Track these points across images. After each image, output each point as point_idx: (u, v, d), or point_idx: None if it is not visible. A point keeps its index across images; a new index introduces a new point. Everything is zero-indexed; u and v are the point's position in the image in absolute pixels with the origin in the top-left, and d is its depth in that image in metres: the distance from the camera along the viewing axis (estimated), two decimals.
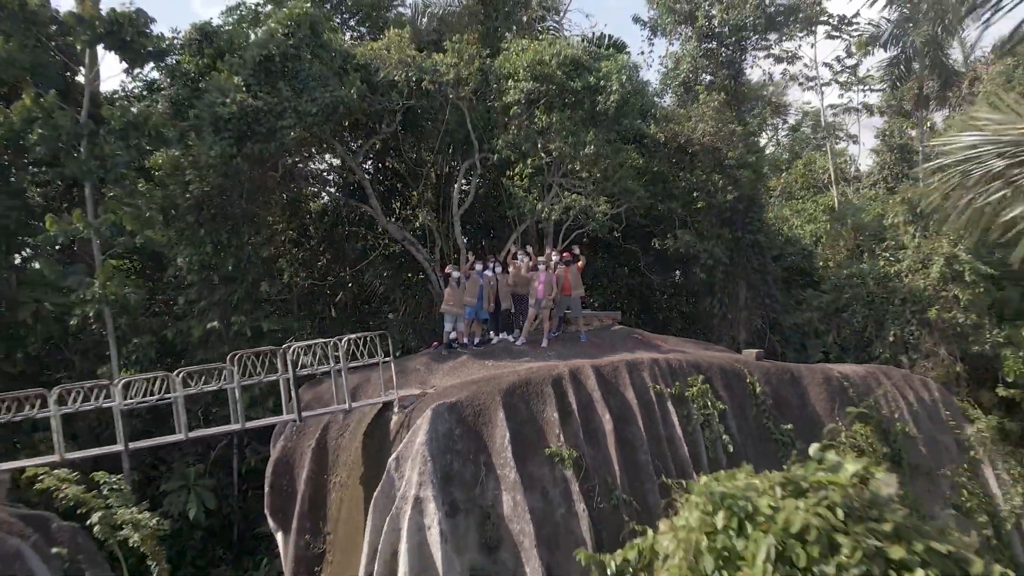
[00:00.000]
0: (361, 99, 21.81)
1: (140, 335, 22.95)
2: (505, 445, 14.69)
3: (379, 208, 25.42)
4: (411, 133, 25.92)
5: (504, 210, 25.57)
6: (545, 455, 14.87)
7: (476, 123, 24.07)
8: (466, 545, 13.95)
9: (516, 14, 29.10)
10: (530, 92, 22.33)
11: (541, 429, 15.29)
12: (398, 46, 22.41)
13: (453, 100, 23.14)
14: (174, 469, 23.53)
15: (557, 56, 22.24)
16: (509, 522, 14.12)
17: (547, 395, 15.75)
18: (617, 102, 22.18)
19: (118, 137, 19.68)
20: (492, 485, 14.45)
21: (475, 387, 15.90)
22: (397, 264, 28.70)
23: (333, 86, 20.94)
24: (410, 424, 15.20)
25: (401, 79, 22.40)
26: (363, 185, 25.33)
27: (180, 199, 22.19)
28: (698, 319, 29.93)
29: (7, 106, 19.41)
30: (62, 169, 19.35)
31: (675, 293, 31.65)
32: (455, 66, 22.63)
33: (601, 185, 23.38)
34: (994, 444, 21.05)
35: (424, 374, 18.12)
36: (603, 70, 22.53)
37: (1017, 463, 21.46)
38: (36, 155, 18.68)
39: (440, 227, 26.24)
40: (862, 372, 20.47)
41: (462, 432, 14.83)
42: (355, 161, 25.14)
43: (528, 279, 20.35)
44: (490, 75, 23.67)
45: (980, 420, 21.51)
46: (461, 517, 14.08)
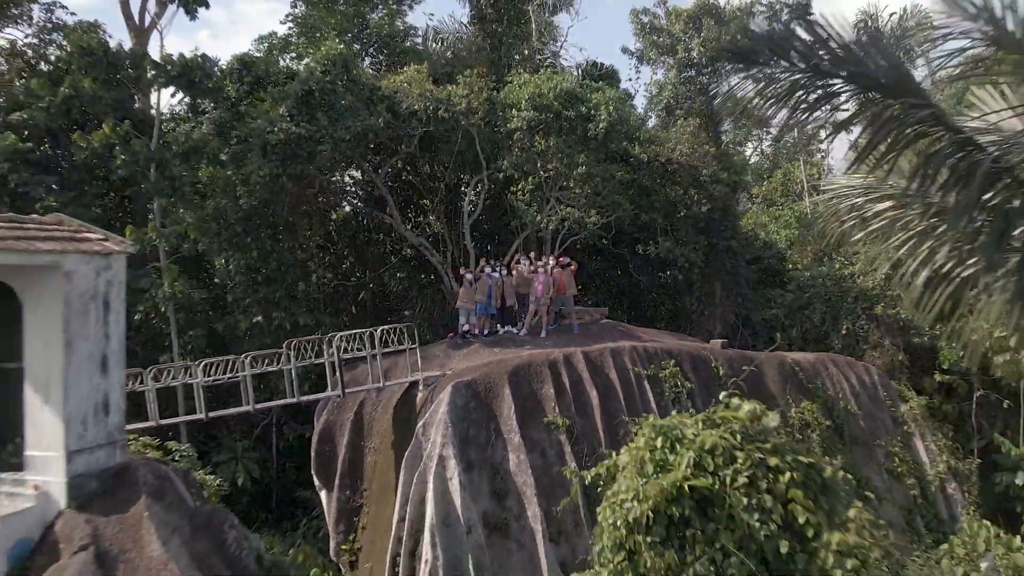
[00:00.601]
0: (386, 126, 24.67)
1: (195, 328, 25.78)
2: (511, 415, 17.57)
3: (398, 217, 28.27)
4: (426, 152, 28.65)
5: (508, 220, 28.39)
6: (543, 423, 17.75)
7: (484, 145, 26.90)
8: (480, 494, 16.83)
9: (518, 46, 31.96)
10: (531, 120, 25.21)
11: (540, 402, 18.18)
12: (418, 81, 25.31)
13: (464, 126, 25.97)
14: (223, 444, 26.35)
15: (554, 89, 25.12)
16: (514, 476, 17.00)
17: (545, 375, 18.64)
18: (606, 128, 25.06)
19: (182, 160, 22.55)
20: (500, 447, 17.33)
21: (486, 369, 18.78)
22: (413, 267, 31.41)
23: (363, 116, 23.80)
24: (433, 399, 18.06)
25: (420, 108, 25.27)
26: (384, 197, 28.16)
27: (230, 211, 25.02)
28: (680, 315, 32.70)
29: (88, 134, 22.30)
30: (139, 187, 22.24)
31: (660, 292, 34.39)
32: (466, 97, 25.51)
33: (592, 199, 26.22)
34: (924, 420, 23.93)
35: (443, 359, 20.99)
36: (593, 101, 25.41)
37: (943, 436, 24.35)
38: (117, 176, 21.53)
39: (451, 234, 29.08)
40: (812, 359, 23.37)
41: (476, 404, 17.70)
42: (378, 177, 27.99)
43: (529, 280, 23.17)
44: (496, 105, 26.51)
45: (913, 400, 24.38)
46: (476, 472, 16.96)
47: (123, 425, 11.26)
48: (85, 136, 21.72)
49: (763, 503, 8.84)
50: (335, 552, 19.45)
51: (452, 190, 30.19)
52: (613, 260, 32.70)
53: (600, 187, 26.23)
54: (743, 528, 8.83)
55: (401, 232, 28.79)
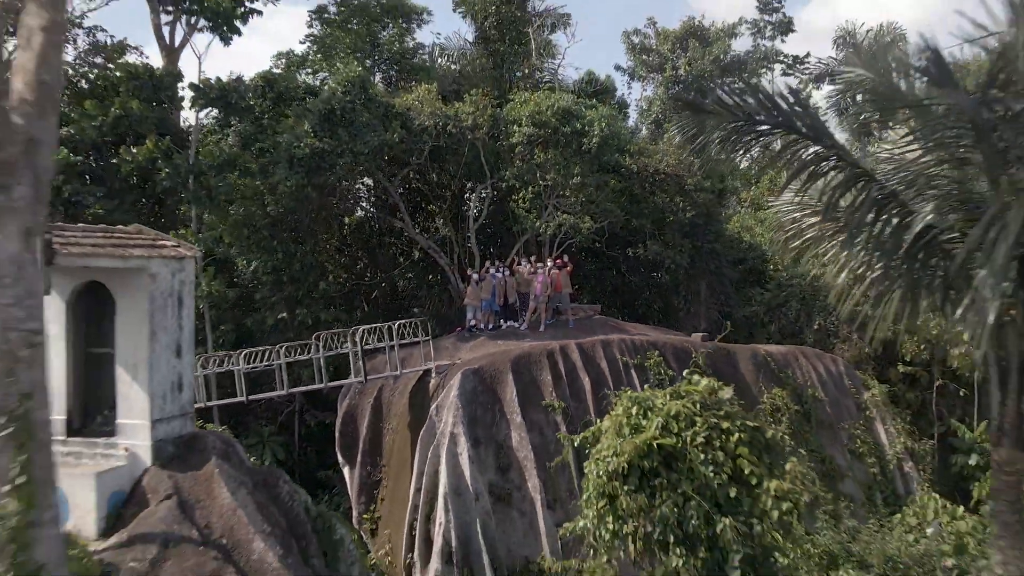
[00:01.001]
0: (400, 140, 26.65)
1: (225, 323, 27.78)
2: (513, 398, 19.55)
3: (408, 222, 30.24)
4: (435, 163, 30.54)
5: (510, 225, 30.34)
6: (542, 406, 19.72)
7: (488, 157, 28.82)
8: (486, 467, 18.79)
9: (519, 64, 33.94)
10: (531, 135, 27.17)
11: (539, 388, 20.15)
12: (428, 100, 27.30)
13: (470, 140, 27.94)
14: (251, 429, 28.33)
15: (552, 107, 27.07)
16: (516, 452, 18.98)
17: (543, 364, 20.62)
18: (598, 143, 27.03)
19: (216, 171, 24.53)
20: (504, 426, 19.31)
21: (491, 358, 20.77)
22: (421, 267, 33.32)
23: (379, 131, 25.76)
24: (445, 384, 20.03)
25: (430, 124, 27.24)
26: (396, 204, 30.12)
27: (258, 217, 27.00)
28: (667, 312, 34.65)
29: (131, 149, 24.32)
30: (178, 196, 24.26)
31: (649, 291, 36.31)
32: (472, 114, 27.48)
33: (586, 206, 28.17)
34: (885, 406, 25.91)
35: (452, 350, 22.97)
36: (588, 117, 27.37)
37: (902, 420, 26.37)
38: (161, 187, 23.50)
39: (457, 237, 31.04)
40: (784, 351, 25.35)
41: (482, 389, 19.68)
42: (391, 185, 29.94)
43: (529, 280, 25.14)
44: (499, 120, 28.47)
45: (875, 388, 26.36)
46: (482, 448, 18.93)
47: (193, 401, 13.25)
48: (130, 151, 23.72)
49: (716, 458, 10.87)
50: (357, 521, 21.45)
51: (458, 197, 32.13)
52: (606, 261, 34.60)
53: (594, 195, 28.21)
54: (700, 478, 10.86)
55: (411, 236, 30.75)
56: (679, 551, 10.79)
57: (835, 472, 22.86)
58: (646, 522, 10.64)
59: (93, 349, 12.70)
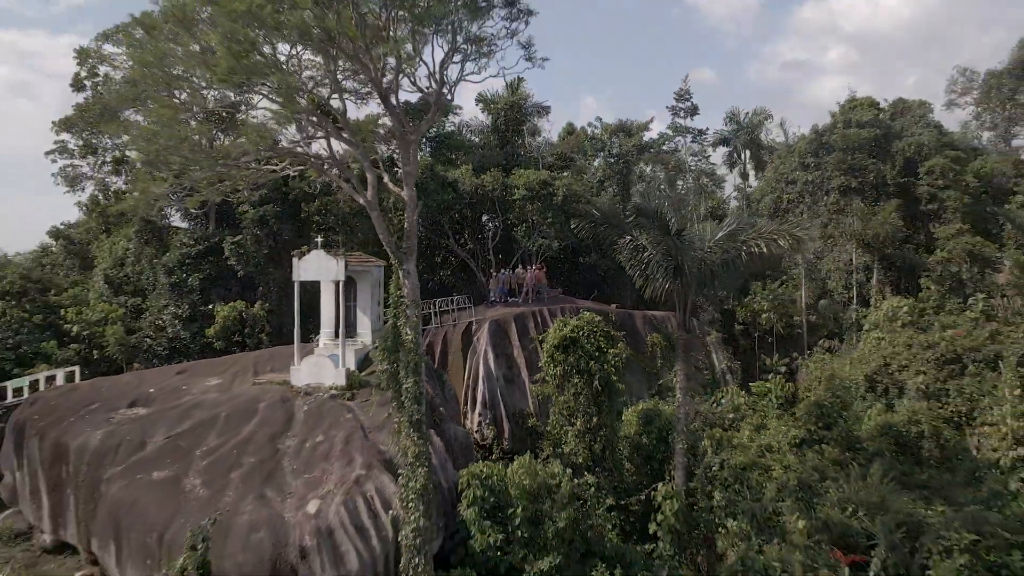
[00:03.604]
0: (451, 197, 40.08)
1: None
2: (514, 334, 33.08)
3: (452, 240, 43.67)
4: (468, 207, 43.95)
5: (512, 244, 43.78)
6: (528, 338, 33.30)
7: (499, 205, 42.23)
8: (500, 365, 32.28)
9: (519, 144, 47.38)
10: (524, 195, 40.58)
11: (527, 329, 33.68)
12: (467, 174, 40.77)
13: (489, 196, 41.43)
14: None
15: (536, 179, 40.50)
16: (515, 358, 32.52)
17: (529, 317, 34.13)
18: (563, 198, 40.48)
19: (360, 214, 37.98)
20: (509, 346, 32.84)
21: (503, 315, 34.25)
22: (460, 268, 46.70)
23: (440, 194, 39.18)
24: (480, 327, 33.52)
25: (468, 188, 40.70)
26: (444, 231, 43.52)
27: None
28: (606, 294, 48.00)
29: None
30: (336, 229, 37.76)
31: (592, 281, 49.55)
32: (491, 182, 40.95)
33: (556, 233, 41.67)
34: (718, 344, 39.52)
35: (483, 312, 36.34)
36: (556, 183, 40.81)
37: (731, 354, 39.99)
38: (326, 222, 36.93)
39: (480, 251, 44.49)
40: (661, 314, 38.85)
41: (499, 330, 33.20)
42: (442, 219, 43.27)
43: (523, 276, 38.68)
44: (506, 185, 41.89)
45: (713, 334, 39.94)
46: (499, 357, 32.39)
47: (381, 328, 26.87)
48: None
49: (600, 345, 24.42)
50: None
51: (482, 226, 45.61)
52: (567, 265, 47.79)
53: (559, 228, 41.75)
54: (584, 348, 24.38)
55: (454, 249, 44.25)
56: (576, 379, 24.37)
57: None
58: (564, 365, 24.22)
59: (349, 303, 26.34)
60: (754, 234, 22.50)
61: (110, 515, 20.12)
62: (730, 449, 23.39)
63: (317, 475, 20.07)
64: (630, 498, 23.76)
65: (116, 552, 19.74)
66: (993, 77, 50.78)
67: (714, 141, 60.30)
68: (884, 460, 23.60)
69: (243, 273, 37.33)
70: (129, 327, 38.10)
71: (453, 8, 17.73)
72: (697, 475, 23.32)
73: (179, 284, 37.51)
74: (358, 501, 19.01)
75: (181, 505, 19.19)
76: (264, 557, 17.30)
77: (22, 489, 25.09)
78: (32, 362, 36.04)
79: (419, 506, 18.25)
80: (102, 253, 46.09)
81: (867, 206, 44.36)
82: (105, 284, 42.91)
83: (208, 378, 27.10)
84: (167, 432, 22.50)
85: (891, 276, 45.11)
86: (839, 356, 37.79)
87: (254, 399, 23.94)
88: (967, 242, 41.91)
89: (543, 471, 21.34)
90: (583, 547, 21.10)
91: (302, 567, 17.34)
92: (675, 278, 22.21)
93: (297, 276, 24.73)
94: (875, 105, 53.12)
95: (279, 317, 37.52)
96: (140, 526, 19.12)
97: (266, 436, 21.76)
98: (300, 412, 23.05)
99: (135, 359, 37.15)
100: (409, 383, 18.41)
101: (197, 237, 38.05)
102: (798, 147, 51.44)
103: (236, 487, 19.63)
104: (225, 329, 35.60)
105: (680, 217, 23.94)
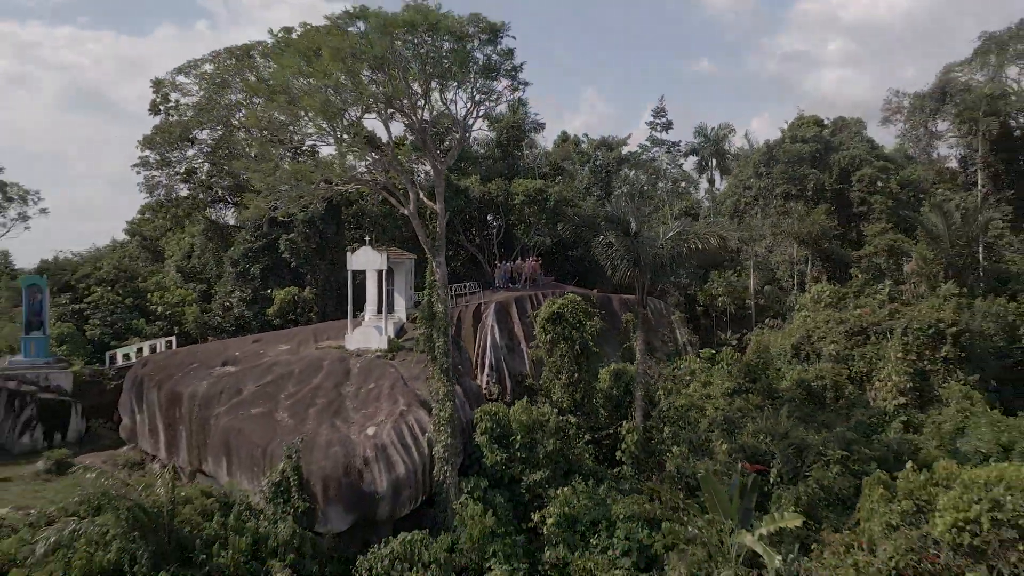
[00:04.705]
0: (463, 202, 45.35)
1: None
2: (514, 312, 38.41)
3: (463, 237, 48.96)
4: (476, 210, 49.23)
5: (513, 240, 49.08)
6: (526, 314, 38.71)
7: (502, 207, 47.46)
8: (503, 337, 37.57)
9: (519, 156, 52.63)
10: (523, 200, 45.83)
11: (525, 309, 39.02)
12: (476, 183, 46.03)
13: (494, 200, 46.70)
14: None
15: (533, 186, 45.76)
16: (516, 332, 37.91)
17: (526, 299, 39.48)
18: (554, 203, 45.73)
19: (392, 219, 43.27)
20: (510, 322, 38.17)
21: (506, 298, 39.56)
22: (469, 260, 51.90)
23: (454, 200, 44.41)
24: (487, 307, 38.80)
25: (477, 195, 45.96)
26: (456, 228, 48.76)
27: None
28: (591, 281, 53.31)
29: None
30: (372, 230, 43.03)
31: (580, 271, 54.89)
32: (495, 189, 46.18)
33: (549, 232, 46.99)
34: (681, 322, 44.83)
35: (489, 295, 41.50)
36: (549, 191, 46.07)
37: (692, 330, 45.36)
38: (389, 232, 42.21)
39: (486, 245, 49.81)
40: (634, 298, 44.14)
41: (502, 309, 38.48)
42: (455, 220, 48.52)
43: (521, 266, 43.94)
44: (509, 192, 47.12)
45: (677, 314, 45.29)
46: (502, 330, 37.67)
47: (416, 305, 32.27)
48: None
49: (580, 319, 29.80)
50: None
51: (487, 225, 50.93)
52: (558, 257, 52.98)
53: (552, 227, 47.09)
54: (569, 320, 29.73)
55: (464, 244, 49.57)
56: (562, 344, 29.73)
57: (653, 346, 41.76)
58: (553, 333, 29.59)
59: (388, 287, 31.73)
60: (693, 235, 27.83)
61: (221, 440, 25.64)
62: (676, 395, 28.81)
63: (371, 411, 25.58)
64: (602, 433, 29.14)
65: (227, 466, 25.24)
66: (918, 99, 55.89)
67: (685, 151, 65.38)
68: (793, 405, 29.03)
69: (294, 264, 42.66)
70: (202, 308, 43.52)
71: (471, 71, 23.05)
72: (652, 415, 28.76)
73: (243, 273, 42.89)
74: (403, 427, 24.53)
75: (275, 431, 24.70)
76: (339, 463, 22.79)
77: (141, 428, 30.59)
78: (125, 336, 41.46)
79: (447, 430, 23.77)
80: (172, 247, 51.50)
81: (807, 209, 49.63)
82: (177, 273, 48.31)
83: (279, 345, 32.56)
84: (256, 382, 27.98)
85: (827, 267, 50.43)
86: (777, 331, 43.13)
87: (319, 359, 29.42)
88: (889, 239, 47.19)
89: (536, 411, 26.78)
90: (566, 466, 26.49)
91: (365, 471, 22.83)
92: (634, 267, 27.52)
93: (350, 266, 30.08)
94: (819, 123, 58.31)
95: (324, 299, 42.90)
96: (246, 446, 24.64)
97: (331, 384, 27.25)
98: (355, 368, 28.53)
99: (208, 334, 42.56)
100: (440, 342, 23.89)
101: (256, 235, 43.37)
102: (752, 158, 56.58)
103: (313, 419, 25.13)
104: (282, 309, 40.99)
105: (640, 221, 29.22)
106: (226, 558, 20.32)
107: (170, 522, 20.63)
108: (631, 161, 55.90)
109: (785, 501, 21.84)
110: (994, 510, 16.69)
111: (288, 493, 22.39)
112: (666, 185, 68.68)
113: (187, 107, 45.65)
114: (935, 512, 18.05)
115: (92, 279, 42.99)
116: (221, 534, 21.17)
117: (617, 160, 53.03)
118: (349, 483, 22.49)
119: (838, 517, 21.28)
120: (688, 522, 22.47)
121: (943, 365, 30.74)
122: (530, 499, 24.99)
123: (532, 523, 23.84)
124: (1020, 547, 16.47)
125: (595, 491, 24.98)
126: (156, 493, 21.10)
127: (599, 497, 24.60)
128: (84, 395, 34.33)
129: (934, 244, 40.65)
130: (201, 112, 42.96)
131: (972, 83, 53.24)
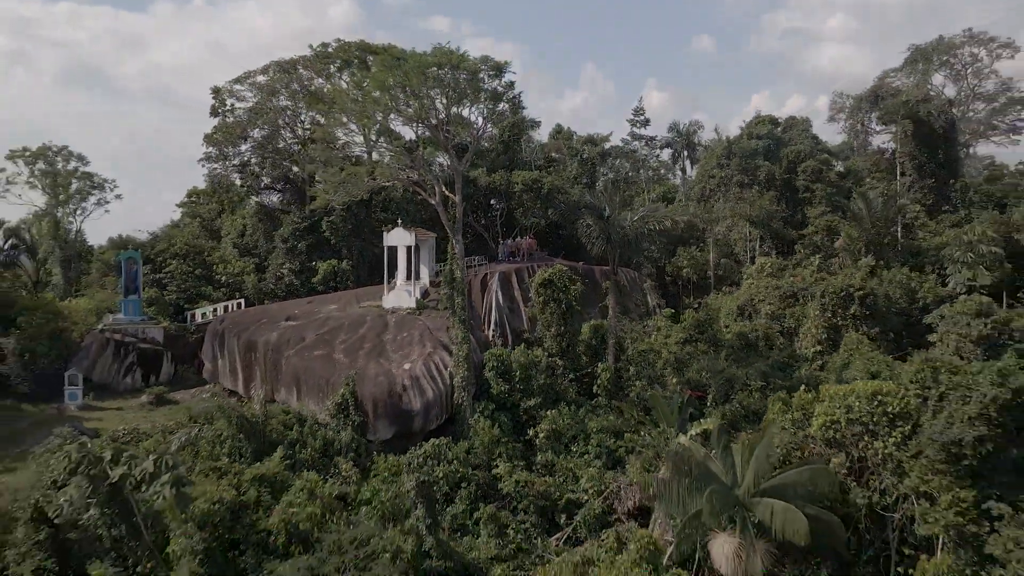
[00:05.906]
0: (472, 191, 50.11)
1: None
2: (515, 280, 43.25)
3: (472, 218, 53.80)
4: (483, 195, 54.01)
5: (513, 221, 53.94)
6: (524, 281, 43.84)
7: (504, 193, 52.21)
8: (505, 299, 42.64)
9: (519, 151, 57.28)
10: (521, 188, 50.56)
11: (522, 278, 44.06)
12: (483, 175, 50.78)
13: (497, 188, 51.46)
14: None
15: (530, 176, 50.50)
16: (515, 295, 43.07)
17: (524, 270, 44.33)
18: (547, 191, 50.54)
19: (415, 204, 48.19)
20: (512, 288, 43.12)
21: (508, 268, 44.40)
22: (476, 238, 56.60)
23: (464, 188, 49.10)
24: (492, 275, 43.92)
25: (484, 184, 50.73)
26: (466, 212, 53.61)
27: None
28: (579, 255, 58.28)
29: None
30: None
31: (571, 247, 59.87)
32: (499, 179, 50.90)
33: (542, 214, 51.81)
34: (652, 289, 49.90)
35: (493, 266, 46.59)
36: (543, 181, 50.85)
37: (661, 295, 50.47)
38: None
39: (490, 226, 54.66)
40: (607, 268, 49.29)
41: (504, 277, 43.39)
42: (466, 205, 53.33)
43: (521, 244, 48.97)
44: (509, 181, 51.85)
45: (649, 281, 50.35)
46: (504, 294, 42.79)
47: (438, 275, 37.36)
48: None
49: (566, 284, 34.90)
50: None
51: (492, 208, 55.76)
52: (551, 235, 57.81)
53: (547, 208, 51.95)
54: (559, 286, 34.80)
55: (472, 225, 54.41)
56: (552, 304, 34.83)
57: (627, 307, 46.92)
58: (544, 295, 34.67)
59: (415, 259, 36.76)
60: (652, 218, 32.83)
61: (292, 375, 30.93)
62: (640, 343, 34.06)
63: (406, 352, 30.83)
64: (582, 372, 34.44)
65: (297, 394, 30.57)
66: (857, 100, 60.41)
67: (661, 145, 69.86)
68: (731, 351, 34.27)
69: (334, 241, 47.63)
70: (258, 277, 48.65)
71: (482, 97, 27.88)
72: (621, 359, 34.03)
73: (292, 248, 47.90)
74: (431, 364, 29.81)
75: (334, 367, 29.97)
76: (383, 390, 28.11)
77: (223, 369, 35.86)
78: (196, 300, 46.60)
79: (464, 367, 29.06)
80: (227, 227, 56.45)
81: (759, 196, 54.51)
82: (233, 248, 53.33)
83: (328, 305, 37.72)
84: (315, 332, 33.19)
85: (776, 244, 55.44)
86: (728, 296, 48.29)
87: (362, 315, 34.62)
88: (826, 220, 52.08)
89: (531, 354, 32.04)
90: (554, 396, 31.78)
91: (403, 395, 28.16)
92: (607, 244, 32.55)
93: (386, 242, 35.13)
94: (773, 121, 62.80)
95: (358, 270, 47.90)
96: (313, 378, 29.94)
97: (374, 334, 32.49)
98: (391, 321, 33.74)
99: (263, 298, 47.72)
100: (458, 300, 29.08)
101: (303, 217, 48.31)
102: (715, 152, 61.26)
103: (363, 358, 30.39)
104: (324, 278, 46.04)
105: (613, 207, 34.18)
106: (305, 454, 25.71)
107: (263, 429, 25.98)
108: (614, 154, 60.50)
109: (714, 416, 27.15)
110: (849, 413, 21.92)
111: (347, 411, 27.69)
112: (646, 173, 73.40)
113: (242, 111, 50.27)
114: (814, 417, 23.31)
115: (167, 253, 47.95)
116: (300, 439, 26.55)
117: (601, 154, 57.71)
118: (392, 403, 27.83)
119: (751, 425, 26.62)
120: (644, 432, 27.85)
121: (851, 321, 35.83)
122: (526, 419, 30.32)
123: (528, 437, 29.21)
124: (866, 438, 21.73)
125: (576, 413, 30.34)
126: (252, 409, 26.45)
127: (579, 417, 29.95)
128: (172, 345, 39.48)
129: (858, 225, 45.55)
130: (255, 115, 47.61)
131: (902, 87, 57.68)
